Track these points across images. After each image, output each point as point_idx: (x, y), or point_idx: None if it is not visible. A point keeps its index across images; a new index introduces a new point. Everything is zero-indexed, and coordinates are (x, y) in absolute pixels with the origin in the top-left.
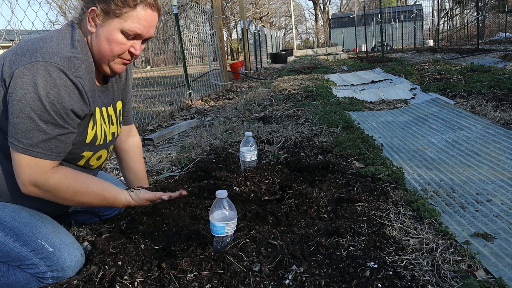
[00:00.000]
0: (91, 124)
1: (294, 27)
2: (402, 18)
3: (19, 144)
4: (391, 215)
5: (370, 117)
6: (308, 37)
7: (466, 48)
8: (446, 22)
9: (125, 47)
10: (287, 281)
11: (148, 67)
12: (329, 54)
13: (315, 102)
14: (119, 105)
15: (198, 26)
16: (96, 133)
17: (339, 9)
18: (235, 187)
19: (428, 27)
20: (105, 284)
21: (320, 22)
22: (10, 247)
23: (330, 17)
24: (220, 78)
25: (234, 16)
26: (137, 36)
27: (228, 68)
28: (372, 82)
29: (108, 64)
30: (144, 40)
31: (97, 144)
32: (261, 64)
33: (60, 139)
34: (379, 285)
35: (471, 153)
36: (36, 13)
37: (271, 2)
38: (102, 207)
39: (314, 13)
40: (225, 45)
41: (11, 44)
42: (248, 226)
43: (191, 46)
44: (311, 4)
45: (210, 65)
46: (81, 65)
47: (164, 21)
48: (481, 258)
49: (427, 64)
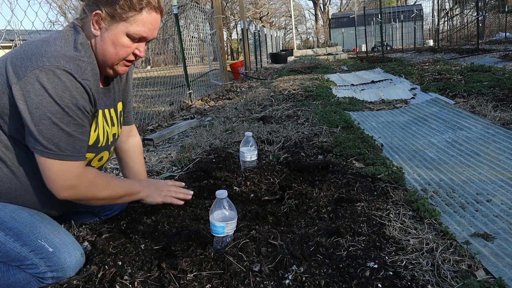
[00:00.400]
0: (93, 127)
1: (294, 27)
2: (402, 18)
3: (49, 151)
4: (391, 215)
5: (370, 117)
6: (308, 37)
7: (466, 48)
8: (446, 22)
9: (130, 50)
10: (287, 281)
11: (148, 67)
12: (329, 54)
13: (315, 102)
14: (120, 106)
15: (198, 26)
16: (99, 135)
17: (339, 9)
18: (235, 187)
19: (428, 27)
20: (105, 284)
21: (320, 22)
22: (10, 247)
23: (330, 17)
24: (220, 78)
25: (234, 16)
26: (142, 39)
27: (228, 68)
28: (372, 82)
29: (112, 67)
30: (147, 42)
31: (99, 146)
32: (261, 64)
33: (82, 139)
34: (379, 285)
35: (471, 153)
36: (36, 13)
37: (271, 2)
38: (121, 202)
39: (314, 13)
40: (225, 45)
41: (11, 44)
42: (248, 226)
43: (191, 46)
44: (311, 4)
45: (210, 65)
46: (87, 67)
47: (164, 21)
48: (481, 258)
49: (427, 64)
